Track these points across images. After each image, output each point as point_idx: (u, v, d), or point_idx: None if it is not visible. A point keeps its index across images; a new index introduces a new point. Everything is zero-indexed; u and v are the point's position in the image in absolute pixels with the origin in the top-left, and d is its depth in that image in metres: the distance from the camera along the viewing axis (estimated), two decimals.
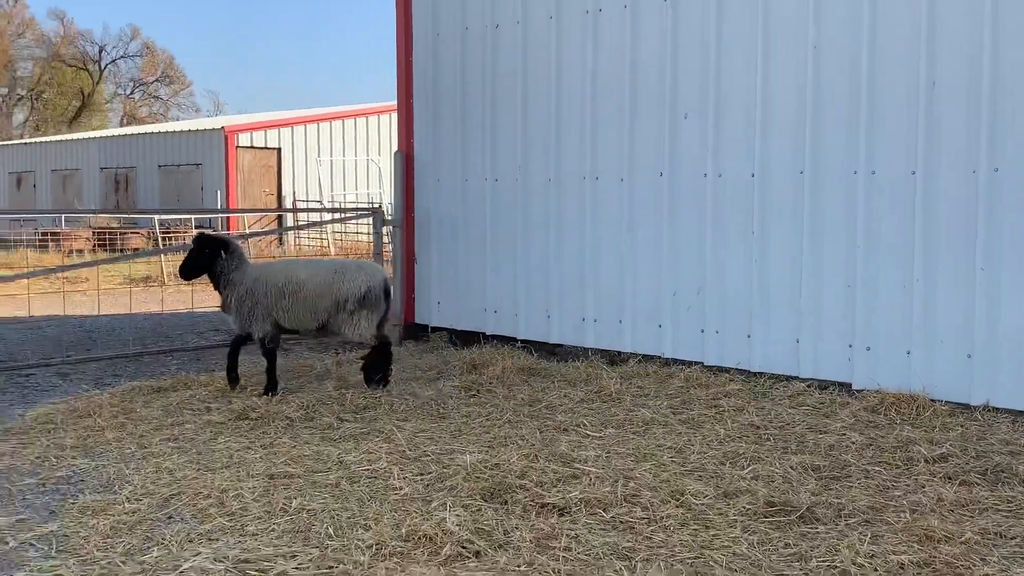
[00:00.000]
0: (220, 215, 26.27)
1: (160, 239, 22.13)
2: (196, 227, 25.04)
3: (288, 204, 27.32)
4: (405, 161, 10.74)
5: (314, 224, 12.85)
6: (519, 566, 4.27)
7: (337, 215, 20.16)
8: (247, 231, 25.35)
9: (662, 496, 5.20)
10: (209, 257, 7.84)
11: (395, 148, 11.24)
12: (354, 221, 19.81)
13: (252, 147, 27.69)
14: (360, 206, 25.88)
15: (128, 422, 6.94)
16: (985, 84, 6.81)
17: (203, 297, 14.30)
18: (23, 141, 39.73)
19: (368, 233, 23.96)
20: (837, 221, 7.60)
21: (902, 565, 4.24)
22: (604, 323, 9.11)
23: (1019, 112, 6.72)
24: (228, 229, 25.87)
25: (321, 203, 26.98)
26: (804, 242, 7.76)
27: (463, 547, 4.47)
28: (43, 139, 38.35)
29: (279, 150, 28.07)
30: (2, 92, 57.10)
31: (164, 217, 24.51)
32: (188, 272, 7.99)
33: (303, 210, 14.27)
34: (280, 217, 26.75)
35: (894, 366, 7.30)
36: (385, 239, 11.61)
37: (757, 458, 5.89)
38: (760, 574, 4.22)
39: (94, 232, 24.45)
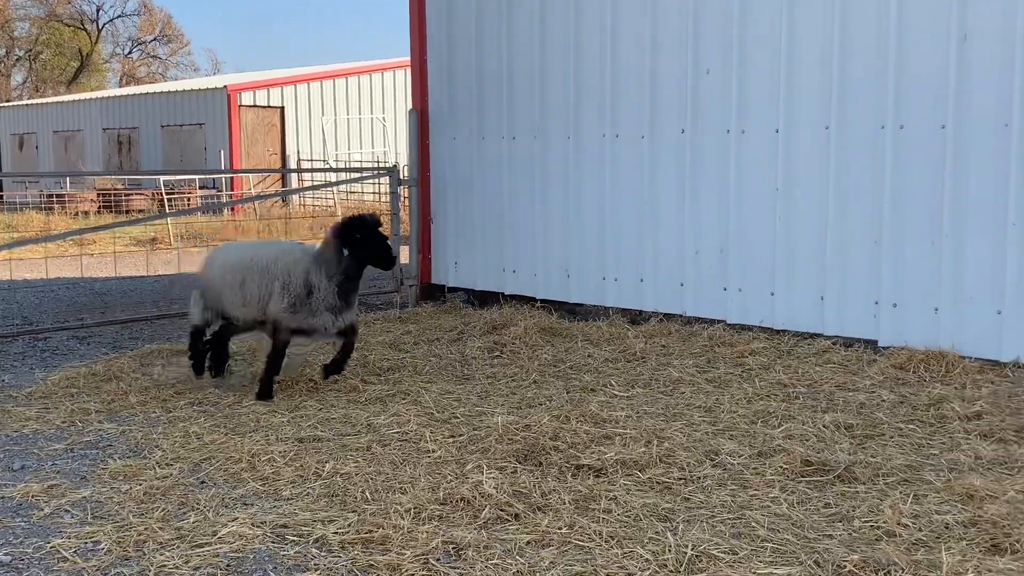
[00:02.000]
0: (224, 175, 26.09)
1: (165, 200, 21.99)
2: (200, 187, 24.86)
3: (292, 164, 27.13)
4: (420, 119, 10.59)
5: (327, 185, 12.65)
6: (560, 528, 4.24)
7: (351, 175, 20.02)
8: (252, 192, 25.18)
9: (697, 456, 5.16)
10: None
11: (401, 105, 11.12)
12: (362, 181, 19.66)
13: (255, 106, 27.43)
14: (368, 165, 25.69)
15: (151, 386, 6.90)
16: (1019, 35, 6.67)
17: None
18: (24, 102, 39.43)
19: (374, 192, 23.83)
20: (864, 177, 7.48)
21: (947, 525, 4.20)
22: (625, 282, 9.03)
23: None
24: (232, 189, 25.70)
25: (326, 163, 26.78)
26: (830, 198, 7.65)
27: (502, 510, 4.44)
28: (44, 100, 38.05)
29: (282, 109, 27.81)
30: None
31: (168, 178, 24.33)
32: None
33: (315, 170, 14.12)
34: (284, 177, 26.59)
35: (921, 323, 7.23)
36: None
37: (789, 416, 5.85)
38: (804, 535, 4.18)
39: (99, 193, 24.30)
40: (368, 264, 6.58)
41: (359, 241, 6.42)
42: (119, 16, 61.06)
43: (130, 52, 62.65)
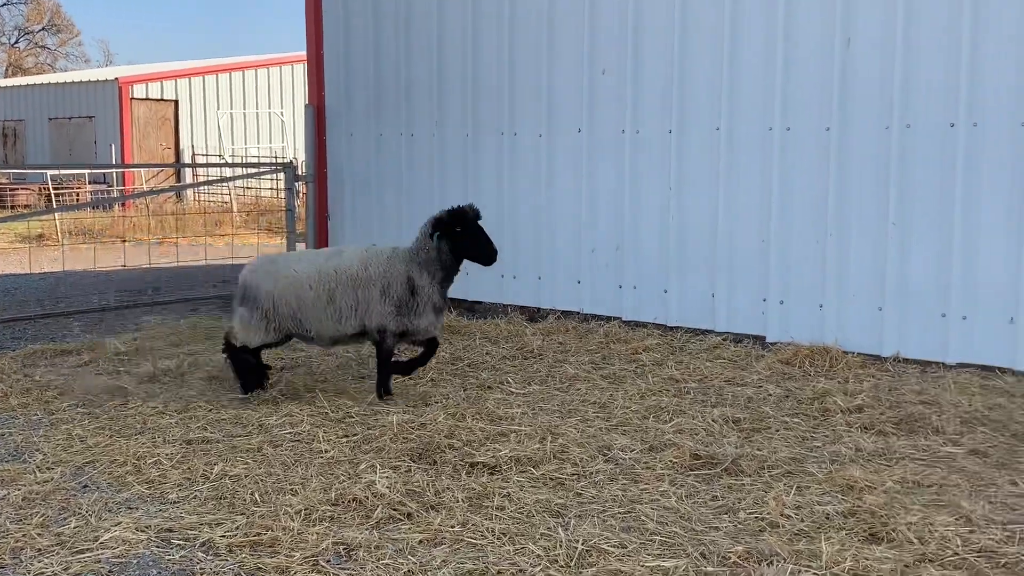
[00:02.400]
0: (115, 170, 25.30)
1: (52, 195, 21.19)
2: (90, 182, 24.05)
3: (187, 159, 26.46)
4: (316, 115, 10.46)
5: (221, 180, 12.35)
6: (453, 526, 4.24)
7: (244, 170, 19.65)
8: (144, 187, 24.48)
9: (590, 452, 5.23)
10: None
11: (300, 100, 10.95)
12: (259, 177, 19.29)
13: (148, 99, 26.66)
14: (264, 161, 25.24)
15: (33, 387, 6.65)
16: (899, 40, 6.92)
17: (103, 256, 13.81)
18: None
19: (272, 189, 23.41)
20: (752, 177, 7.68)
21: (828, 515, 4.34)
22: (523, 280, 9.08)
23: (925, 69, 6.85)
24: (124, 185, 24.93)
25: (222, 158, 26.20)
26: (720, 198, 7.83)
27: (395, 509, 4.42)
28: None
29: (176, 102, 27.09)
30: None
31: (56, 172, 23.45)
32: None
33: (210, 165, 13.83)
34: (178, 173, 25.92)
35: (807, 319, 7.46)
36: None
37: (680, 411, 5.97)
38: (691, 527, 4.27)
39: None
40: (467, 258, 6.24)
41: (459, 235, 6.10)
42: (5, 4, 58.62)
43: (16, 42, 60.18)
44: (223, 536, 4.14)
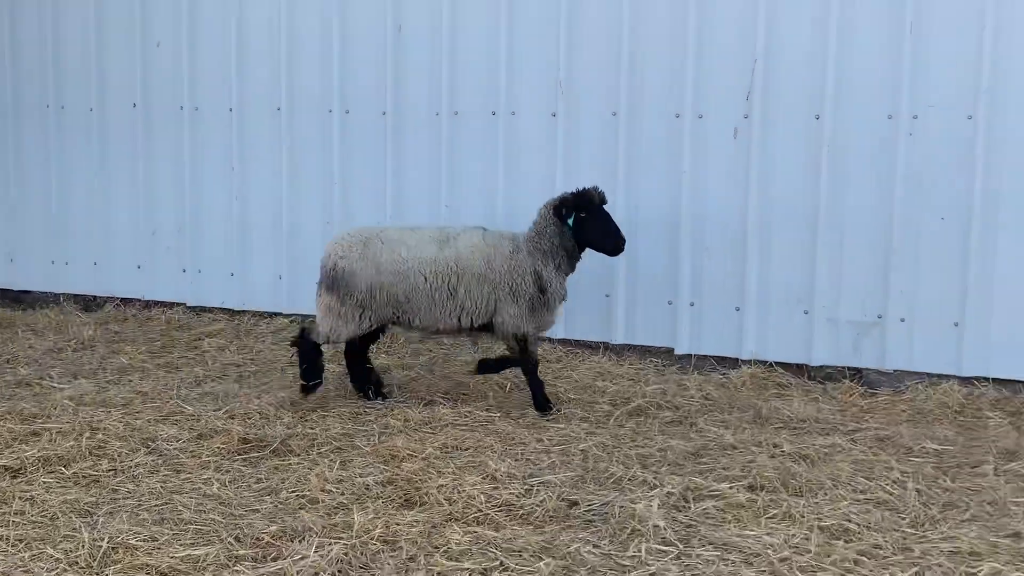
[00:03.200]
0: None
1: None
2: None
3: None
4: None
5: None
6: None
7: None
8: None
9: (132, 445, 4.98)
10: None
11: None
12: None
13: None
14: None
15: None
16: (444, 27, 7.22)
17: None
18: None
19: None
20: (314, 159, 7.66)
21: (367, 486, 4.47)
22: (77, 265, 8.45)
23: (472, 63, 7.23)
24: None
25: None
26: (283, 179, 7.76)
27: None
28: None
29: None
30: None
31: None
32: None
33: None
34: None
35: None
36: None
37: (233, 396, 5.86)
38: (230, 512, 4.21)
39: None
40: (589, 246, 5.66)
41: (583, 220, 5.56)
42: None
43: None
44: None
